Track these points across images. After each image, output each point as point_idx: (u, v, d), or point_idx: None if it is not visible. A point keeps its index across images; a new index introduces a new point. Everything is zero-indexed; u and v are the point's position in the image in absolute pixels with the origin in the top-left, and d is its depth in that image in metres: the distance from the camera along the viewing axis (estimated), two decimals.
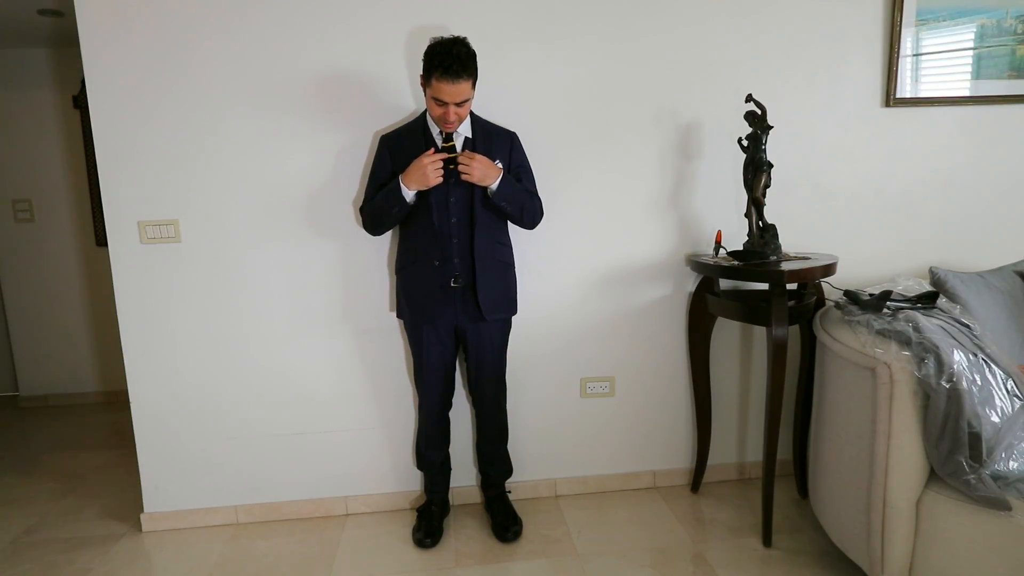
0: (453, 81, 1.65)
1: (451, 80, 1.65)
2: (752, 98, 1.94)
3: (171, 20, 1.90)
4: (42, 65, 3.30)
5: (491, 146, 1.87)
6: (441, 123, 1.76)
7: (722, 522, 2.11)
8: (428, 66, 1.69)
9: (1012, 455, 1.47)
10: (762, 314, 1.86)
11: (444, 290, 1.88)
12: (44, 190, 3.40)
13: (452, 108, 1.70)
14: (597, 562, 1.91)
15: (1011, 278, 1.97)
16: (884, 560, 1.56)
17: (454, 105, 1.70)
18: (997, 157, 2.28)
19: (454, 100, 1.69)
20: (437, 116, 1.75)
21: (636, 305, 2.23)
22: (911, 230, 2.29)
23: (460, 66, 1.65)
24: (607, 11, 2.04)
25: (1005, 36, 2.18)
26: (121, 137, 1.95)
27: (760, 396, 2.35)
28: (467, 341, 1.97)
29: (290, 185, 2.03)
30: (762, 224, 1.99)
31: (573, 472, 2.32)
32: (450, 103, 1.69)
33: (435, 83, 1.67)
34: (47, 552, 2.06)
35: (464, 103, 1.72)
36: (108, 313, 3.50)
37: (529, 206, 1.90)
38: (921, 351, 1.49)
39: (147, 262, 2.02)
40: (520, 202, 1.87)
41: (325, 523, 2.18)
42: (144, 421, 2.11)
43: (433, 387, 2.00)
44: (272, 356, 2.12)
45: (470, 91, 1.72)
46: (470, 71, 1.69)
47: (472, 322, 1.93)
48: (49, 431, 3.18)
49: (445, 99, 1.68)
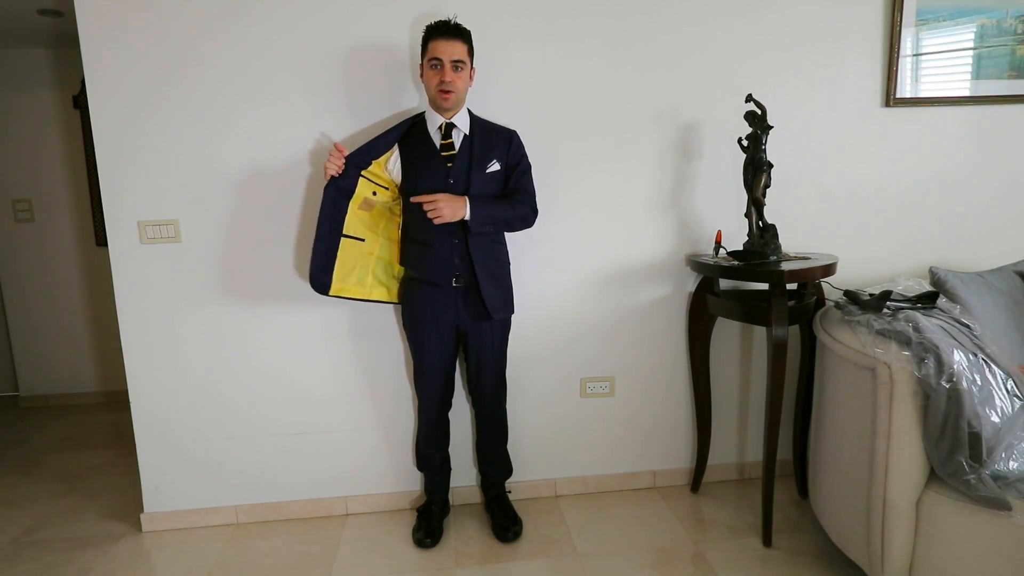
0: (448, 39, 1.74)
1: (446, 38, 1.74)
2: (752, 98, 1.94)
3: (171, 20, 1.90)
4: (42, 65, 3.30)
5: (489, 144, 1.87)
6: (438, 95, 1.78)
7: (722, 522, 2.11)
8: (425, 36, 1.79)
9: (1012, 455, 1.47)
10: (762, 314, 1.86)
11: (446, 290, 1.88)
12: (44, 190, 3.40)
13: (448, 69, 1.74)
14: (597, 562, 1.91)
15: (1011, 278, 1.97)
16: (884, 560, 1.56)
17: (451, 68, 1.75)
18: (997, 157, 2.28)
19: (450, 57, 1.74)
20: (434, 87, 1.77)
21: (636, 305, 2.23)
22: (911, 230, 2.29)
23: (455, 28, 1.76)
24: (608, 12, 2.04)
25: (1005, 36, 2.18)
26: (121, 137, 1.95)
27: (760, 396, 2.35)
28: (468, 341, 1.97)
29: (290, 185, 2.03)
30: (762, 224, 1.99)
31: (573, 472, 2.32)
32: (445, 61, 1.74)
33: (431, 45, 1.76)
34: (47, 552, 2.06)
35: (460, 68, 1.77)
36: (108, 313, 3.50)
37: (514, 216, 1.88)
38: (921, 351, 1.49)
39: (147, 262, 2.02)
40: (503, 219, 1.86)
41: (325, 523, 2.18)
42: (144, 421, 2.11)
43: (433, 387, 2.00)
44: (272, 356, 2.12)
45: (465, 55, 1.78)
46: (465, 36, 1.78)
47: (474, 321, 1.92)
48: (49, 431, 3.18)
49: (440, 55, 1.74)
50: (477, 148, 1.85)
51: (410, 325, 1.97)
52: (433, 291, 1.88)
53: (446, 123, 1.84)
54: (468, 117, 1.88)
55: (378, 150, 1.86)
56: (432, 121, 1.85)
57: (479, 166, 1.85)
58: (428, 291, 1.89)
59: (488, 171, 1.86)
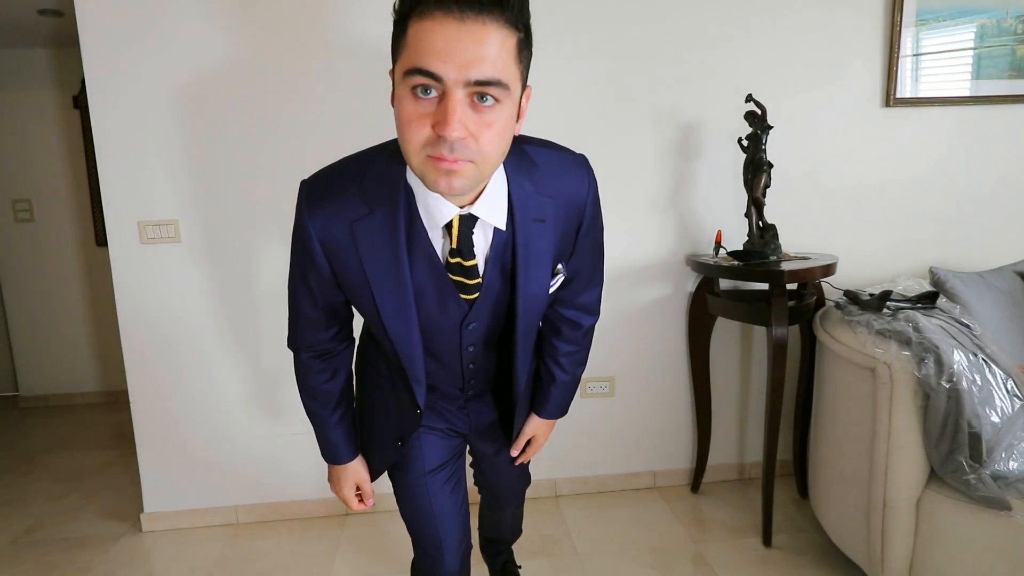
0: (461, 15, 0.70)
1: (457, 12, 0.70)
2: (752, 98, 1.94)
3: (171, 20, 1.90)
4: (42, 65, 3.29)
5: (550, 223, 0.94)
6: (428, 167, 0.77)
7: (722, 522, 2.11)
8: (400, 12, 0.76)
9: (1012, 455, 1.47)
10: (762, 314, 1.86)
11: None
12: (44, 190, 3.40)
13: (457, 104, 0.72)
14: (597, 562, 1.91)
15: (1011, 278, 1.97)
16: (884, 560, 1.56)
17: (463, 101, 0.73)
18: (997, 157, 2.28)
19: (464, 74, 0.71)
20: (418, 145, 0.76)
21: (636, 305, 2.23)
22: (911, 230, 2.29)
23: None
24: (607, 11, 2.04)
25: (1005, 36, 2.18)
26: (121, 137, 1.95)
27: (760, 396, 2.35)
28: (479, 454, 1.32)
29: (291, 185, 2.03)
30: (762, 224, 1.99)
31: (573, 472, 2.32)
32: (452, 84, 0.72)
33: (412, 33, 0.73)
34: (47, 552, 2.05)
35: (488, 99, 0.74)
36: (108, 313, 3.49)
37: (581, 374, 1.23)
38: (921, 351, 1.49)
39: (147, 262, 2.02)
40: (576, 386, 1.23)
41: (325, 523, 2.18)
42: (144, 421, 2.11)
43: (449, 534, 1.18)
44: (272, 356, 2.11)
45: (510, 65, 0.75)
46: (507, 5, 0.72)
47: None
48: (49, 431, 3.18)
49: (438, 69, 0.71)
50: (529, 247, 0.93)
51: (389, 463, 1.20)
52: None
53: (460, 216, 0.88)
54: (504, 187, 0.90)
55: None
56: (428, 206, 0.88)
57: (534, 283, 0.96)
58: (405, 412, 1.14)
59: (553, 288, 1.02)
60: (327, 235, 0.92)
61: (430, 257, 0.91)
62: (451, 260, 0.91)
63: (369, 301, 0.93)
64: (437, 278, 0.93)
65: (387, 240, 0.88)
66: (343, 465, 1.15)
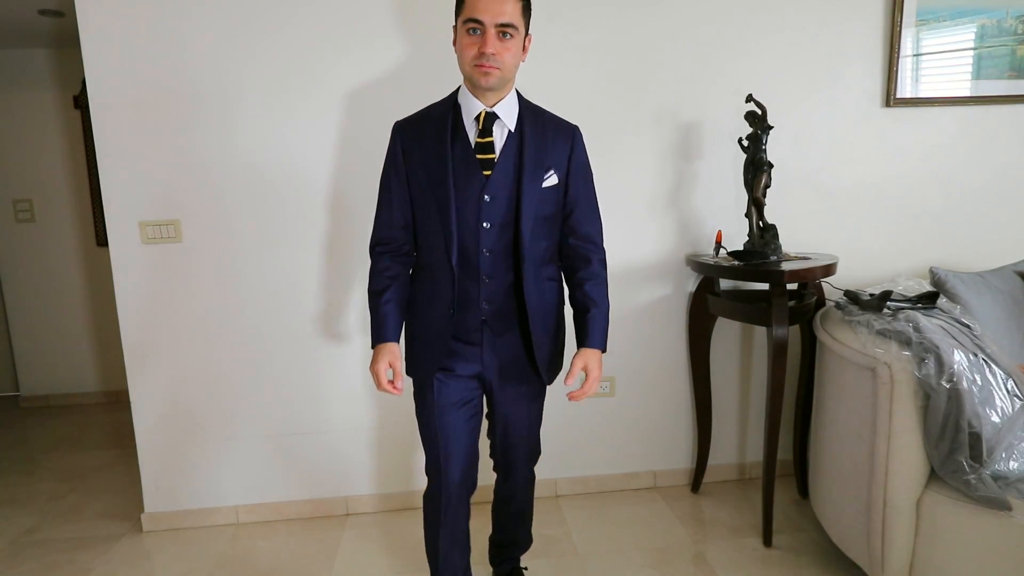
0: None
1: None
2: (752, 98, 1.94)
3: (171, 20, 1.90)
4: (42, 65, 3.30)
5: (544, 143, 1.39)
6: (475, 71, 1.29)
7: (722, 522, 2.11)
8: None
9: (1012, 455, 1.47)
10: (762, 314, 1.86)
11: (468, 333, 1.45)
12: (44, 190, 3.40)
13: (492, 37, 1.26)
14: (597, 562, 1.91)
15: (1011, 278, 1.97)
16: (884, 560, 1.56)
17: (495, 36, 1.26)
18: (997, 157, 2.28)
19: (495, 19, 1.25)
20: (470, 60, 1.29)
21: (636, 305, 2.23)
22: (911, 230, 2.29)
23: None
24: (608, 10, 2.04)
25: (1005, 36, 2.18)
26: (121, 137, 1.95)
27: (760, 396, 2.35)
28: (494, 399, 1.53)
29: (291, 184, 2.03)
30: (762, 224, 1.99)
31: (573, 472, 2.32)
32: (488, 25, 1.25)
33: (469, 1, 1.28)
34: (47, 552, 2.06)
35: (507, 35, 1.27)
36: (108, 313, 3.49)
37: (608, 308, 1.55)
38: (921, 351, 1.49)
39: (147, 262, 2.02)
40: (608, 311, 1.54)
41: (325, 523, 2.18)
42: (144, 421, 2.11)
43: (454, 460, 1.46)
44: (272, 356, 2.11)
45: (519, 16, 1.28)
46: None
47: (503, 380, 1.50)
48: (49, 431, 3.18)
49: (480, 16, 1.25)
50: (529, 149, 1.37)
51: (416, 381, 1.53)
52: (445, 337, 1.46)
53: (485, 112, 1.35)
54: (516, 104, 1.39)
55: None
56: (467, 107, 1.36)
57: (531, 177, 1.36)
58: (439, 337, 1.48)
59: (544, 185, 1.39)
60: (404, 137, 1.41)
61: (464, 139, 1.37)
62: (480, 140, 1.36)
63: (422, 176, 1.38)
64: (468, 156, 1.36)
65: (439, 131, 1.37)
66: (382, 344, 1.43)
